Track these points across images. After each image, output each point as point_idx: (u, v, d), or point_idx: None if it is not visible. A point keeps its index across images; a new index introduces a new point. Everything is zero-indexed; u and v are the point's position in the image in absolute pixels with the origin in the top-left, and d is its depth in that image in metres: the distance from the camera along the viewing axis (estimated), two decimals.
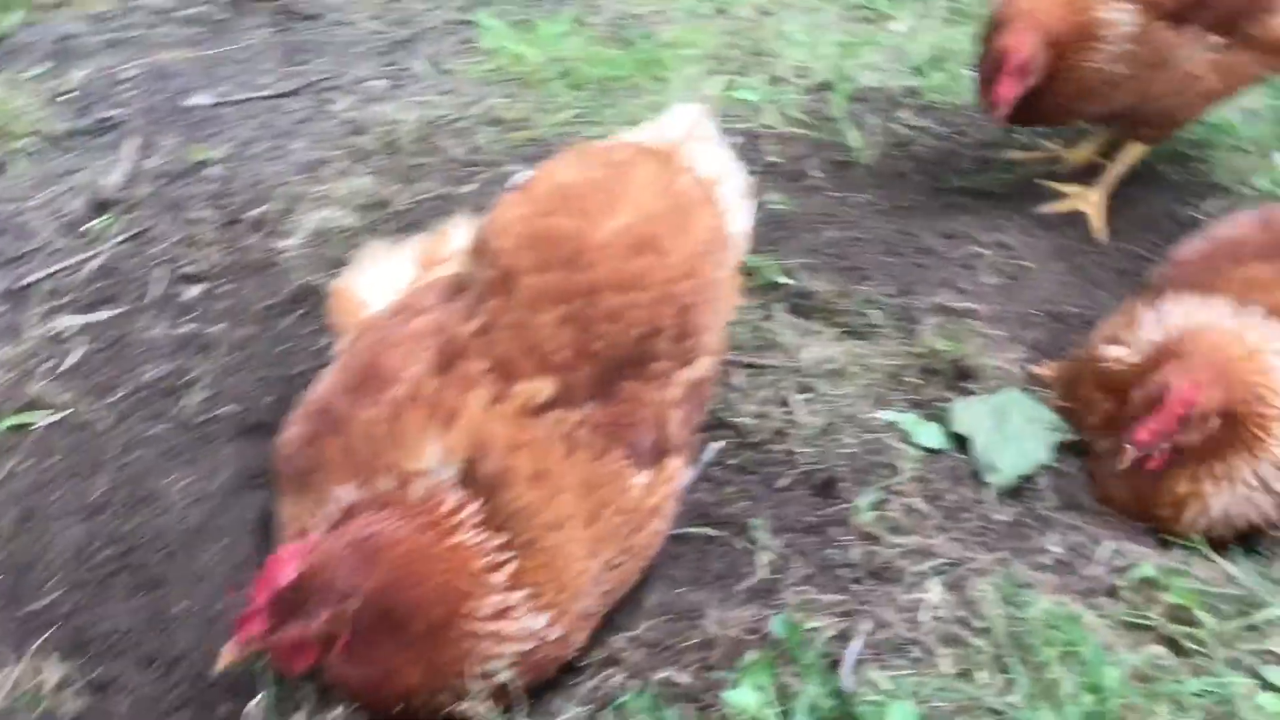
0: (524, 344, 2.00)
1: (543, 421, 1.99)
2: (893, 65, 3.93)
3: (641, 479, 2.09)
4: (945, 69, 3.88)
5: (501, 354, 2.00)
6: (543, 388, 1.99)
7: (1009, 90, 2.88)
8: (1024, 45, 2.86)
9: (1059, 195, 3.28)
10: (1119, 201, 3.28)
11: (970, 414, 2.53)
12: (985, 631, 2.08)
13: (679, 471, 2.20)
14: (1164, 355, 2.30)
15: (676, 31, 4.03)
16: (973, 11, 4.28)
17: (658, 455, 2.12)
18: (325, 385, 2.12)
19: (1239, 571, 2.19)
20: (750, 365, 2.71)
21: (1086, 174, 3.35)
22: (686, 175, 2.26)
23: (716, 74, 3.79)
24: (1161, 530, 2.36)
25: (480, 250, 2.11)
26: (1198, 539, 2.26)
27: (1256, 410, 2.23)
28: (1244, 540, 2.33)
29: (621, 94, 3.66)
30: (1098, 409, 2.42)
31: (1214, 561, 2.22)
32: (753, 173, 3.34)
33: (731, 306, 2.38)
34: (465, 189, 3.21)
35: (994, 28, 2.98)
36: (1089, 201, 3.21)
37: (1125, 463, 2.25)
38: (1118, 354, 2.43)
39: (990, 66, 2.92)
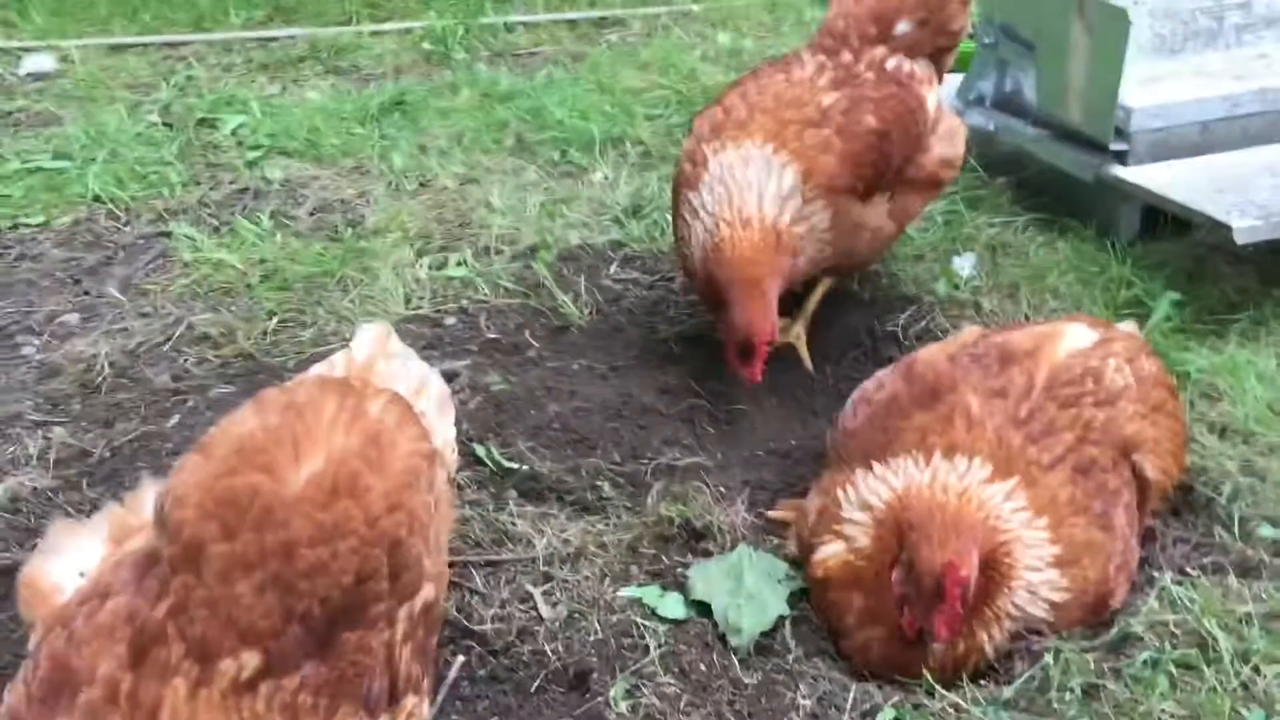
0: (221, 619, 1.90)
1: (256, 697, 1.89)
2: (596, 219, 4.04)
3: None
4: (645, 216, 4.02)
5: (198, 634, 1.89)
6: (248, 661, 1.89)
7: (759, 366, 3.03)
8: (764, 331, 3.00)
9: None
10: (819, 328, 3.44)
11: (707, 578, 2.58)
12: None
13: (419, 707, 2.13)
14: (888, 533, 2.36)
15: (380, 215, 4.02)
16: (665, 153, 4.47)
17: (393, 698, 2.05)
18: (12, 697, 1.95)
19: (970, 705, 2.28)
20: (488, 564, 2.68)
21: (784, 309, 3.48)
22: (377, 401, 2.22)
23: (425, 254, 3.80)
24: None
25: (161, 523, 2.01)
26: (929, 675, 2.34)
27: (998, 544, 2.33)
28: None
29: (330, 291, 3.61)
30: (850, 607, 2.45)
31: (946, 694, 2.31)
32: (472, 352, 3.39)
33: (449, 521, 2.34)
34: (170, 423, 3.07)
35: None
36: (792, 335, 3.36)
37: (938, 656, 2.31)
38: (834, 552, 2.48)
39: (736, 351, 3.05)
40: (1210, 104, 3.72)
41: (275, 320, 3.49)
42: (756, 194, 3.04)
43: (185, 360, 3.34)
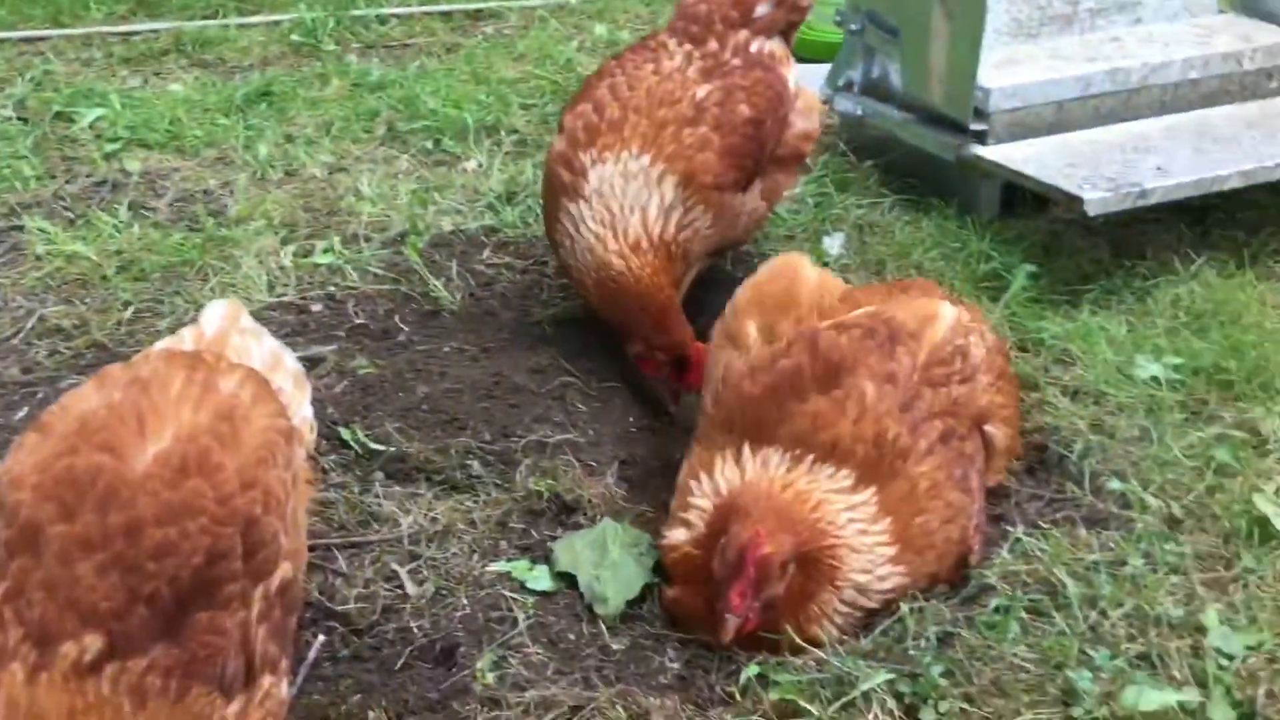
0: (60, 601, 1.83)
1: (100, 679, 1.82)
2: (470, 206, 4.01)
3: (234, 708, 1.96)
4: (520, 203, 4.01)
5: (36, 617, 1.82)
6: (90, 643, 1.82)
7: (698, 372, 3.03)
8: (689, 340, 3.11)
9: None
10: (694, 307, 3.45)
11: (571, 551, 2.57)
12: None
13: (276, 687, 2.08)
14: (722, 520, 2.36)
15: (244, 204, 3.93)
16: (540, 141, 4.46)
17: (249, 678, 2.00)
18: None
19: (833, 656, 2.31)
20: (351, 545, 2.64)
21: None
22: (231, 376, 2.17)
23: (290, 242, 3.73)
24: None
25: None
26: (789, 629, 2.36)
27: (824, 544, 2.35)
28: None
29: (189, 280, 3.52)
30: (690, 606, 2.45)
31: (810, 650, 2.34)
32: (339, 338, 3.33)
33: (307, 499, 2.30)
34: (18, 415, 2.96)
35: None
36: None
37: (729, 635, 2.28)
38: (677, 538, 2.48)
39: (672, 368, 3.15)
40: (1064, 84, 3.84)
41: (131, 310, 3.38)
42: (640, 214, 3.07)
43: (35, 353, 3.22)
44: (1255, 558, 2.53)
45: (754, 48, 3.34)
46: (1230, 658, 2.31)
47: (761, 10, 3.38)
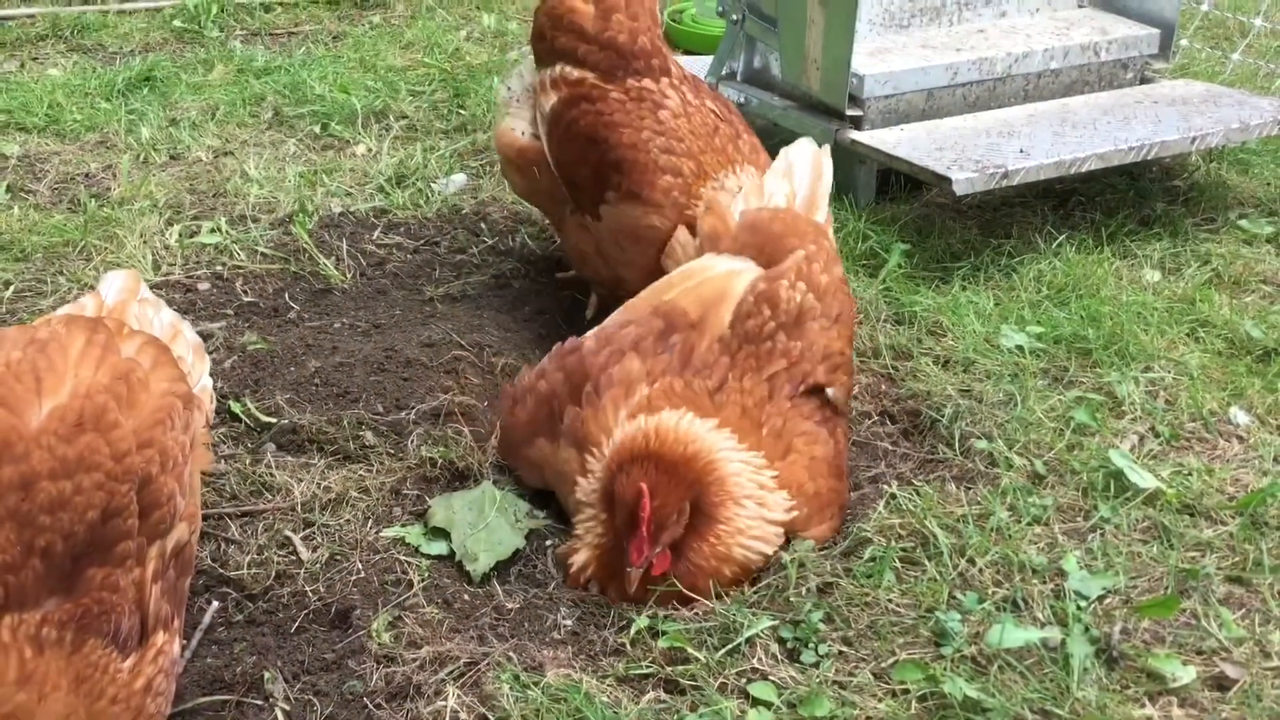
0: None
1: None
2: (360, 188, 4.03)
3: (128, 663, 1.97)
4: (410, 185, 4.04)
5: None
6: None
7: None
8: None
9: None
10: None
11: (449, 508, 2.62)
12: None
13: (169, 644, 2.09)
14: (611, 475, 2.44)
15: (127, 186, 3.89)
16: (429, 126, 4.49)
17: (142, 635, 2.02)
18: None
19: (720, 605, 2.41)
20: (244, 514, 2.65)
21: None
22: (132, 341, 2.18)
23: (175, 222, 3.70)
24: None
25: None
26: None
27: (708, 483, 2.43)
28: None
29: (72, 260, 3.47)
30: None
31: (696, 599, 2.43)
32: (228, 316, 3.33)
33: (205, 463, 2.31)
34: None
35: None
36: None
37: (634, 584, 2.36)
38: (583, 560, 2.52)
39: None
40: (933, 73, 4.02)
41: (11, 290, 3.33)
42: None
43: None
44: (1111, 508, 2.70)
45: None
46: (1088, 599, 2.46)
47: None
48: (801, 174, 3.02)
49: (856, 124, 3.97)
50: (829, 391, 2.73)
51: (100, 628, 1.93)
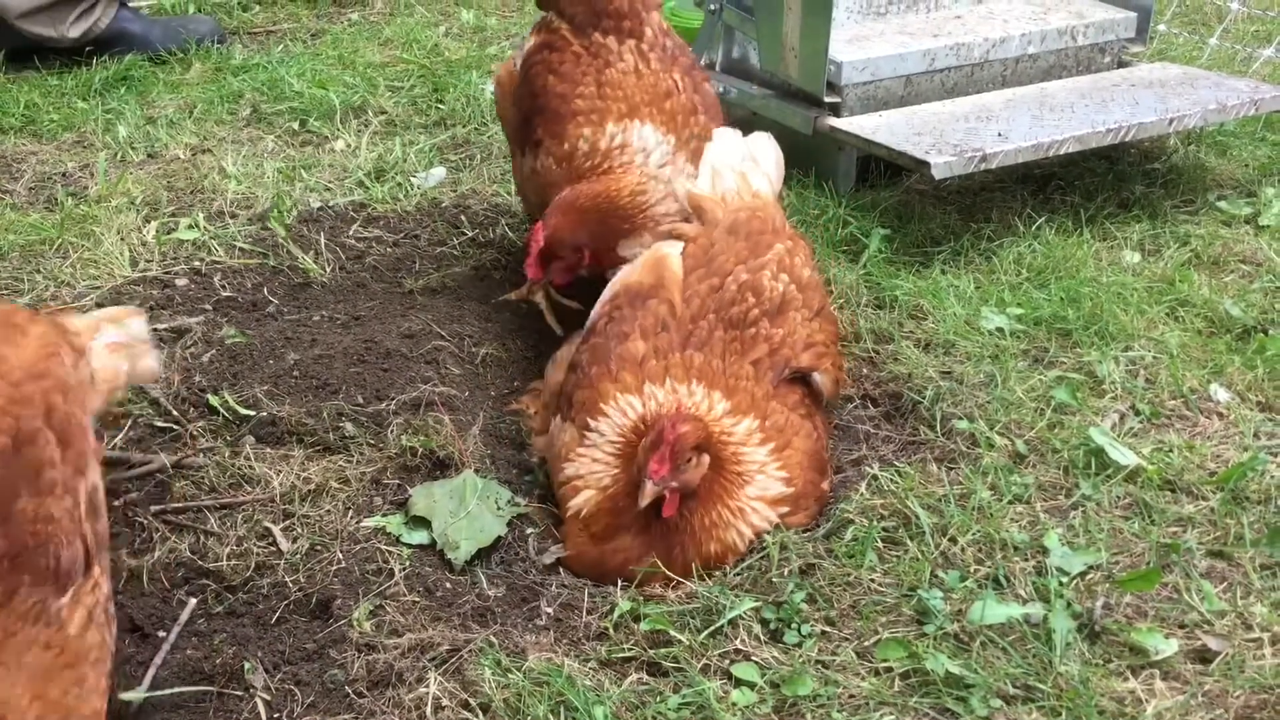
0: None
1: None
2: (339, 183, 4.02)
3: (66, 599, 1.91)
4: (389, 180, 4.03)
5: None
6: None
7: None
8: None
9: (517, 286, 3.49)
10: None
11: (429, 497, 2.62)
12: (485, 707, 2.14)
13: (103, 578, 2.03)
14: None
15: (104, 184, 3.87)
16: (409, 122, 4.48)
17: (81, 568, 1.95)
18: None
19: (701, 587, 2.40)
20: (223, 507, 2.63)
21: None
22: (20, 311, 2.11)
23: (153, 219, 3.68)
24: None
25: None
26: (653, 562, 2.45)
27: (721, 442, 2.49)
28: None
29: (49, 258, 3.45)
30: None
31: (680, 583, 2.43)
32: (206, 311, 3.31)
33: (103, 404, 2.20)
34: None
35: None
36: (540, 297, 3.40)
37: (647, 498, 2.38)
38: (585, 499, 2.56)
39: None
40: (911, 59, 4.02)
41: None
42: None
43: None
44: (1092, 486, 2.70)
45: None
46: (1070, 575, 2.47)
47: None
48: (765, 166, 3.12)
49: (835, 111, 3.96)
50: (815, 376, 2.74)
51: (36, 563, 1.84)
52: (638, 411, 2.55)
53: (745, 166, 3.06)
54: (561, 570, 2.56)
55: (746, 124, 4.29)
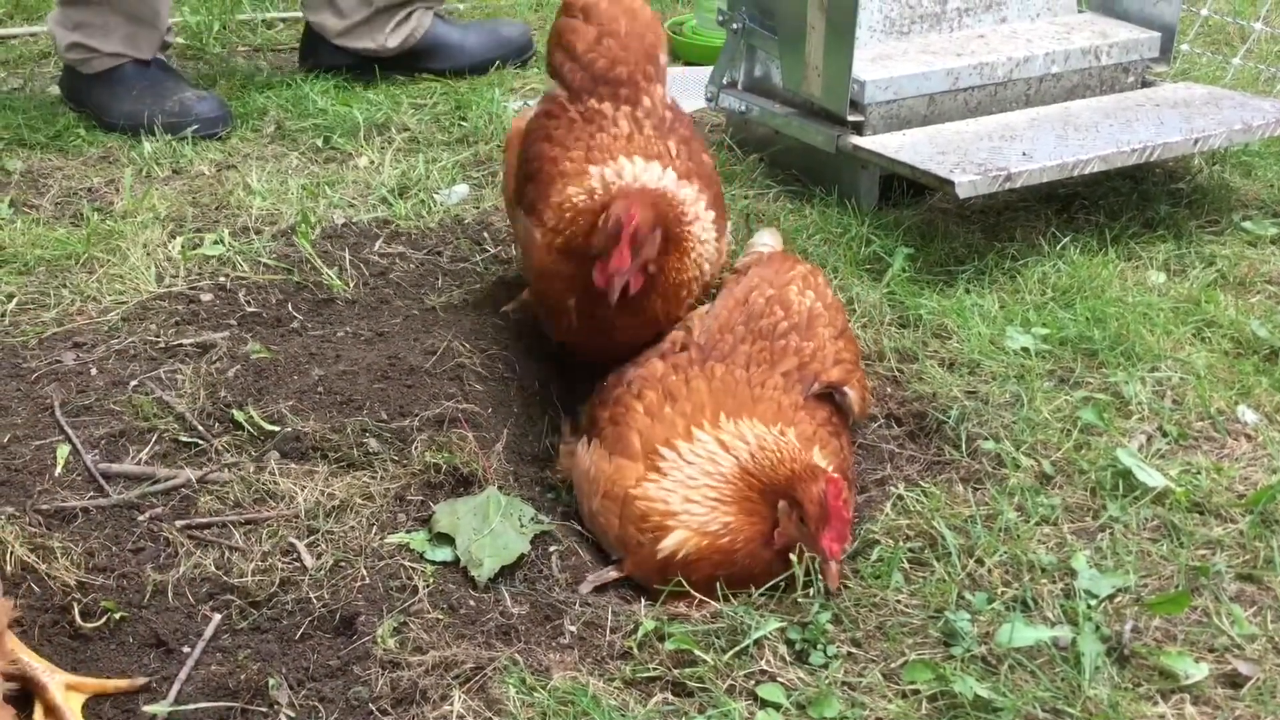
0: None
1: None
2: (362, 200, 4.03)
3: None
4: (413, 196, 4.04)
5: None
6: None
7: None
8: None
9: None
10: None
11: (452, 514, 2.61)
12: None
13: None
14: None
15: (130, 199, 3.89)
16: (431, 139, 4.50)
17: None
18: None
19: (727, 607, 2.39)
20: (247, 522, 2.64)
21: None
22: None
23: (178, 235, 3.70)
24: None
25: None
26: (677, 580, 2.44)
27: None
28: None
29: (75, 272, 3.47)
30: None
31: (706, 604, 2.41)
32: (230, 326, 3.32)
33: None
34: None
35: None
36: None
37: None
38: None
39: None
40: (934, 78, 4.02)
41: (14, 303, 3.32)
42: None
43: None
44: (1120, 507, 2.68)
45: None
46: (1098, 597, 2.45)
47: None
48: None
49: (858, 129, 3.96)
50: (847, 391, 2.74)
51: None
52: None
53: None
54: (583, 589, 2.56)
55: (768, 141, 4.31)
